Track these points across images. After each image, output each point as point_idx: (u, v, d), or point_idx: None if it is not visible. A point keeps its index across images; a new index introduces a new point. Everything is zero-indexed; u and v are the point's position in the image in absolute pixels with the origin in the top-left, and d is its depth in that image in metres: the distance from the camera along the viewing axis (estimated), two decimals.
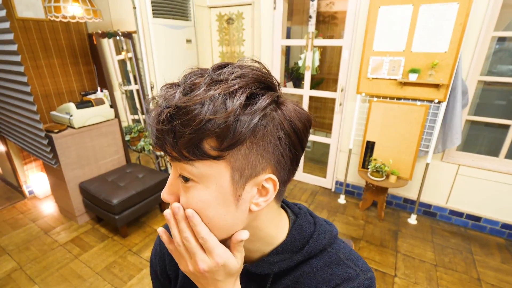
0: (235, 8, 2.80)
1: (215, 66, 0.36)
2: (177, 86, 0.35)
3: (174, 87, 0.35)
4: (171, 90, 0.35)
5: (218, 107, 0.31)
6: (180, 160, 0.34)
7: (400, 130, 2.18)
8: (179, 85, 0.35)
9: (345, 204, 2.62)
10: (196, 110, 0.31)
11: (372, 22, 2.05)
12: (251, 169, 0.36)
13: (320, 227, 0.49)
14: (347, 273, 0.46)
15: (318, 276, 0.46)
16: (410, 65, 2.01)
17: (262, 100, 0.34)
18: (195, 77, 0.35)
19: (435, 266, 1.89)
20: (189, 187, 0.37)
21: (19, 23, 2.28)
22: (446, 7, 1.80)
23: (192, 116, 0.31)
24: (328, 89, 3.95)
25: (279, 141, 0.36)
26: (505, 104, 2.13)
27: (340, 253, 0.48)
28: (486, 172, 2.12)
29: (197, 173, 0.35)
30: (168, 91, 0.35)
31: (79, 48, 2.72)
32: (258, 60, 0.38)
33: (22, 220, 2.36)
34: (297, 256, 0.46)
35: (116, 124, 2.42)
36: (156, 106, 0.35)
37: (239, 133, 0.32)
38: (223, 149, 0.33)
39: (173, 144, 0.33)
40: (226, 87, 0.32)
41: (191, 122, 0.31)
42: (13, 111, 2.00)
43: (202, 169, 0.35)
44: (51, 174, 2.31)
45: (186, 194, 0.37)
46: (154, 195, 2.28)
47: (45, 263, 1.89)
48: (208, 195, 0.36)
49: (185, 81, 0.35)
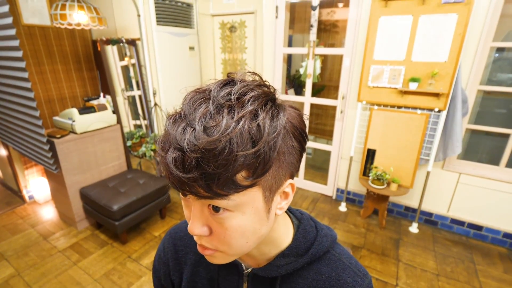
0: (238, 17, 2.84)
1: (219, 87, 0.34)
2: (183, 119, 0.32)
3: (181, 121, 0.32)
4: (179, 127, 0.31)
5: (246, 140, 0.30)
6: (213, 198, 0.33)
7: (401, 138, 2.19)
8: (184, 117, 0.32)
9: (346, 211, 2.61)
10: (227, 148, 0.29)
11: (372, 31, 2.08)
12: (278, 183, 0.37)
13: (322, 231, 0.51)
14: (356, 280, 0.47)
15: (328, 284, 0.47)
16: (410, 74, 2.03)
17: (280, 118, 0.33)
18: (204, 105, 0.32)
19: (437, 275, 1.88)
20: (224, 217, 0.35)
21: (24, 29, 2.31)
22: (445, 18, 1.83)
23: (225, 156, 0.29)
24: (329, 96, 3.98)
25: (293, 149, 0.38)
26: (505, 112, 2.14)
27: (343, 258, 0.50)
28: (487, 180, 2.12)
29: (233, 204, 0.34)
30: (177, 128, 0.31)
31: (83, 54, 2.76)
32: (253, 71, 0.38)
33: (21, 225, 2.35)
34: (302, 258, 0.47)
35: (118, 130, 2.43)
36: (171, 149, 0.31)
37: (269, 158, 0.32)
38: (256, 177, 0.33)
39: (205, 187, 0.31)
40: (247, 115, 0.30)
41: (224, 162, 0.29)
42: (16, 117, 2.01)
43: (237, 200, 0.34)
44: (51, 179, 2.31)
45: (221, 224, 0.36)
46: (154, 201, 2.28)
47: (44, 269, 1.88)
48: (245, 220, 0.36)
49: (193, 112, 0.32)
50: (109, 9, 2.58)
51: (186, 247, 0.56)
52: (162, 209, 2.42)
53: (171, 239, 0.58)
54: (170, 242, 0.57)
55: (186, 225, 0.56)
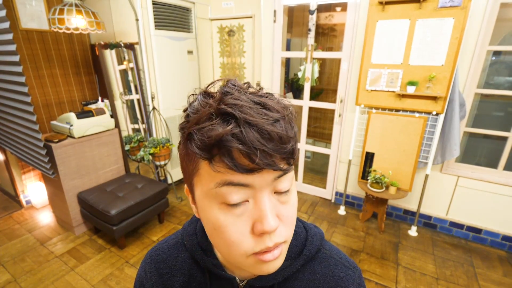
0: (236, 21, 2.85)
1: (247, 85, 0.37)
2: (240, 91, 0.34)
3: (239, 92, 0.34)
4: (238, 98, 0.32)
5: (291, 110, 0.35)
6: (289, 170, 0.34)
7: (399, 141, 2.19)
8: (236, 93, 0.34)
9: (345, 215, 2.60)
10: (287, 112, 0.33)
11: (370, 35, 2.09)
12: None
13: (311, 230, 0.50)
14: (348, 274, 0.48)
15: (323, 282, 0.47)
16: (408, 78, 2.04)
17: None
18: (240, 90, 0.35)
19: (436, 279, 1.87)
20: (289, 193, 0.36)
21: (22, 33, 2.31)
22: (442, 22, 1.85)
23: (292, 118, 0.34)
24: (327, 100, 3.99)
25: None
26: (503, 115, 2.15)
27: (333, 254, 0.50)
28: (486, 183, 2.12)
29: (291, 177, 0.36)
30: (262, 111, 0.32)
31: (82, 59, 2.76)
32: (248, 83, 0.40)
33: (18, 230, 2.33)
34: (297, 261, 0.47)
35: (116, 134, 2.42)
36: (267, 121, 0.31)
37: None
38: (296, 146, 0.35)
39: (290, 156, 0.33)
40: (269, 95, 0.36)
41: (295, 129, 0.33)
42: (13, 121, 2.00)
43: (292, 172, 0.36)
44: (49, 183, 2.29)
45: (287, 203, 0.36)
46: (153, 206, 2.27)
47: (40, 275, 1.86)
48: (295, 195, 0.38)
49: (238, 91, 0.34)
50: (108, 14, 2.58)
51: (172, 269, 0.51)
52: (160, 213, 2.41)
53: (152, 263, 0.52)
54: (152, 267, 0.52)
55: (166, 245, 0.53)
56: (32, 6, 2.32)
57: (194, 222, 0.52)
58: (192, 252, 0.48)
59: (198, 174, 0.35)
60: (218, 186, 0.33)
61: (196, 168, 0.35)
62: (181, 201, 2.80)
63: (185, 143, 0.35)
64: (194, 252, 0.48)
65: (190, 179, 0.38)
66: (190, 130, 0.33)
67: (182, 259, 0.50)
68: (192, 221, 0.52)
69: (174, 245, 0.52)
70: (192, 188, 0.38)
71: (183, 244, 0.51)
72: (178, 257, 0.50)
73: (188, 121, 0.35)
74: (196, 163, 0.35)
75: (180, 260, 0.50)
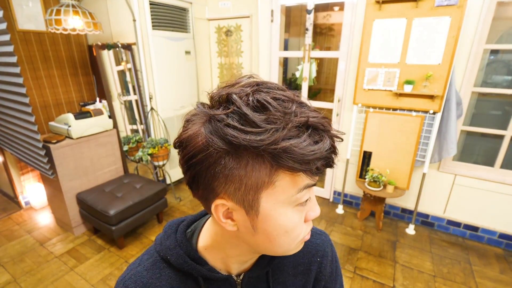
0: (234, 21, 2.85)
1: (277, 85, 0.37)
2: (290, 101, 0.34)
3: (288, 102, 0.34)
4: (288, 107, 0.33)
5: None
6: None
7: (397, 140, 2.20)
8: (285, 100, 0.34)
9: (343, 214, 2.62)
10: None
11: (367, 34, 2.09)
12: None
13: None
14: (322, 239, 0.57)
15: (305, 252, 0.54)
16: (405, 77, 2.04)
17: None
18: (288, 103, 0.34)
19: (433, 276, 1.88)
20: None
21: (20, 35, 2.31)
22: (439, 21, 1.85)
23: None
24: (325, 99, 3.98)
25: None
26: (500, 114, 2.16)
27: None
28: (482, 181, 2.13)
29: None
30: (288, 109, 0.33)
31: (79, 60, 2.76)
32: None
33: (17, 231, 2.33)
34: None
35: (115, 135, 2.42)
36: (326, 138, 0.34)
37: None
38: None
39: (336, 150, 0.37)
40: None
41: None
42: (12, 122, 2.00)
43: None
44: (48, 184, 2.30)
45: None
46: (151, 206, 2.27)
47: (40, 275, 1.87)
48: None
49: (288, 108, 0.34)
50: (105, 14, 2.58)
51: None
52: (159, 213, 2.41)
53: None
54: None
55: (143, 268, 0.46)
56: (29, 7, 2.32)
57: (171, 235, 0.48)
58: (179, 266, 0.45)
59: (274, 187, 0.35)
60: (300, 191, 0.36)
61: (270, 182, 0.34)
62: (180, 201, 2.81)
63: (260, 159, 0.33)
64: (183, 265, 0.45)
65: (248, 194, 0.35)
66: (283, 145, 0.31)
67: (167, 276, 0.46)
68: (167, 235, 0.48)
69: (152, 265, 0.46)
70: (252, 202, 0.36)
71: (163, 261, 0.47)
72: (161, 276, 0.45)
73: (269, 136, 0.31)
74: (271, 176, 0.34)
75: (165, 279, 0.45)
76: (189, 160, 0.36)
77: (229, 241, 0.43)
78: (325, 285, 0.57)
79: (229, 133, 0.32)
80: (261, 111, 0.33)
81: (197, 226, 0.51)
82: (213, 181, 0.35)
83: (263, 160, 0.33)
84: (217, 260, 0.47)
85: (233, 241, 0.43)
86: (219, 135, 0.33)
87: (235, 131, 0.32)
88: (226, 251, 0.45)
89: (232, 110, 0.33)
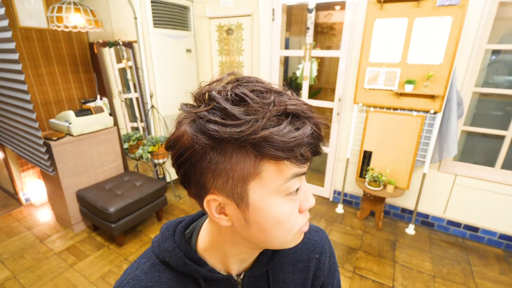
0: (235, 19, 2.85)
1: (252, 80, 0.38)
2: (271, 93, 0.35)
3: (269, 93, 0.35)
4: (273, 97, 0.35)
5: None
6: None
7: (397, 140, 2.19)
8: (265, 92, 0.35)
9: (343, 213, 2.61)
10: None
11: (368, 34, 2.09)
12: None
13: None
14: (320, 237, 0.58)
15: (304, 249, 0.55)
16: (405, 76, 2.04)
17: None
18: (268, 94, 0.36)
19: (433, 277, 1.88)
20: None
21: (21, 31, 2.31)
22: (440, 20, 1.85)
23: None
24: (326, 98, 3.99)
25: None
26: (501, 114, 2.16)
27: None
28: (483, 182, 2.13)
29: None
30: (273, 98, 0.34)
31: (80, 57, 2.76)
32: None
33: (17, 228, 2.34)
34: None
35: (115, 132, 2.43)
36: (308, 124, 0.34)
37: None
38: None
39: (322, 138, 0.37)
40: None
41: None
42: (13, 119, 2.01)
43: None
44: (48, 181, 2.30)
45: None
46: (151, 204, 2.28)
47: (40, 272, 1.87)
48: None
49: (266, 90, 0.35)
50: (106, 12, 2.58)
51: None
52: (159, 211, 2.42)
53: None
54: None
55: (141, 272, 0.46)
56: (31, 4, 2.32)
57: (170, 237, 0.47)
58: (179, 267, 0.44)
59: (260, 177, 0.35)
60: (288, 181, 0.36)
61: (255, 172, 0.34)
62: (180, 199, 2.81)
63: (243, 150, 0.33)
64: (183, 267, 0.44)
65: (236, 187, 0.35)
66: (263, 134, 0.31)
67: (166, 279, 0.45)
68: (165, 236, 0.48)
69: (150, 268, 0.46)
70: (241, 195, 0.36)
71: (161, 263, 0.46)
72: (161, 279, 0.45)
73: (249, 127, 0.31)
74: (256, 166, 0.34)
75: (164, 281, 0.45)
76: (178, 159, 0.37)
77: (227, 239, 0.43)
78: (324, 281, 0.58)
79: (211, 128, 0.33)
80: (240, 104, 0.33)
81: (195, 226, 0.50)
82: (202, 177, 0.36)
83: (246, 152, 0.34)
84: (216, 260, 0.47)
85: (231, 238, 0.43)
86: (202, 131, 0.34)
87: (216, 126, 0.33)
88: (225, 251, 0.45)
89: (212, 106, 0.34)
